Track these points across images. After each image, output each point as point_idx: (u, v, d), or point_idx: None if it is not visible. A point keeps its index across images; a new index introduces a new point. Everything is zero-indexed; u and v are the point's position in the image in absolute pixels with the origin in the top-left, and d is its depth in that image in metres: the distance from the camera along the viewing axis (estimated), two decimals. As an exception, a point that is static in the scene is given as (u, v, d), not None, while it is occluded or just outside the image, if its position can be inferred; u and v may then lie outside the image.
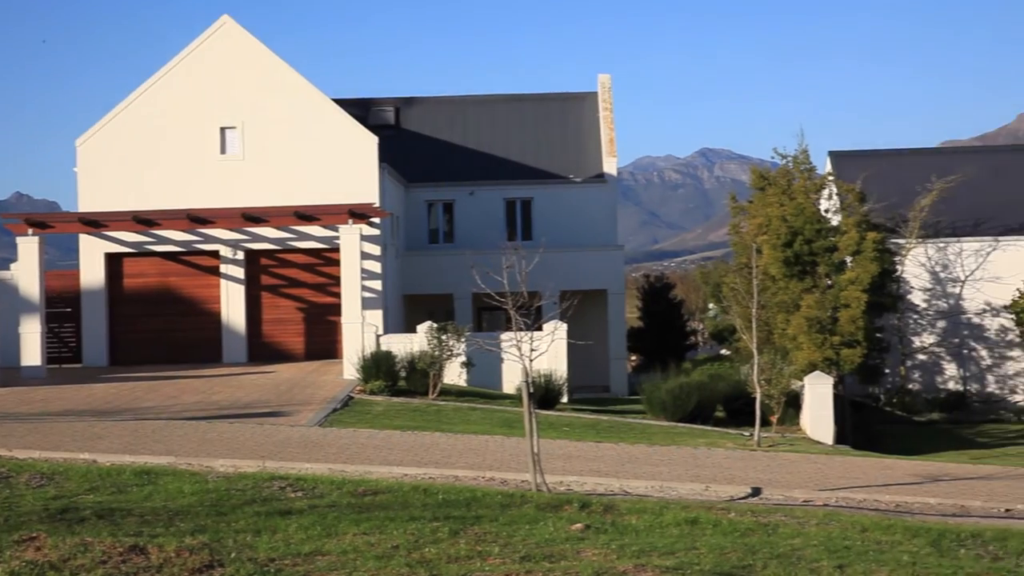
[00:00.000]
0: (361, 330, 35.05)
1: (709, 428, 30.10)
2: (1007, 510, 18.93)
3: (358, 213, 36.76)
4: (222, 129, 40.15)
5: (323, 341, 40.01)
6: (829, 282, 37.93)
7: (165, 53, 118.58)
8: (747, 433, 28.01)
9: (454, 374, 34.24)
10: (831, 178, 43.44)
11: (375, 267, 39.62)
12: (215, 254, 40.20)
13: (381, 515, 13.69)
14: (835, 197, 42.71)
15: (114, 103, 55.76)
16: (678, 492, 18.93)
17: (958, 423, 43.49)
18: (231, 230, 39.22)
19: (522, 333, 18.09)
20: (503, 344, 29.14)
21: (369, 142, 40.47)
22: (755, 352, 27.64)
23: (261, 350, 40.10)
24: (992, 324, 47.30)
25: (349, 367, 33.69)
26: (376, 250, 39.57)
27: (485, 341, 29.98)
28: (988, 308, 47.17)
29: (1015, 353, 47.19)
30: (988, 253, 47.25)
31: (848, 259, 38.24)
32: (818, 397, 30.56)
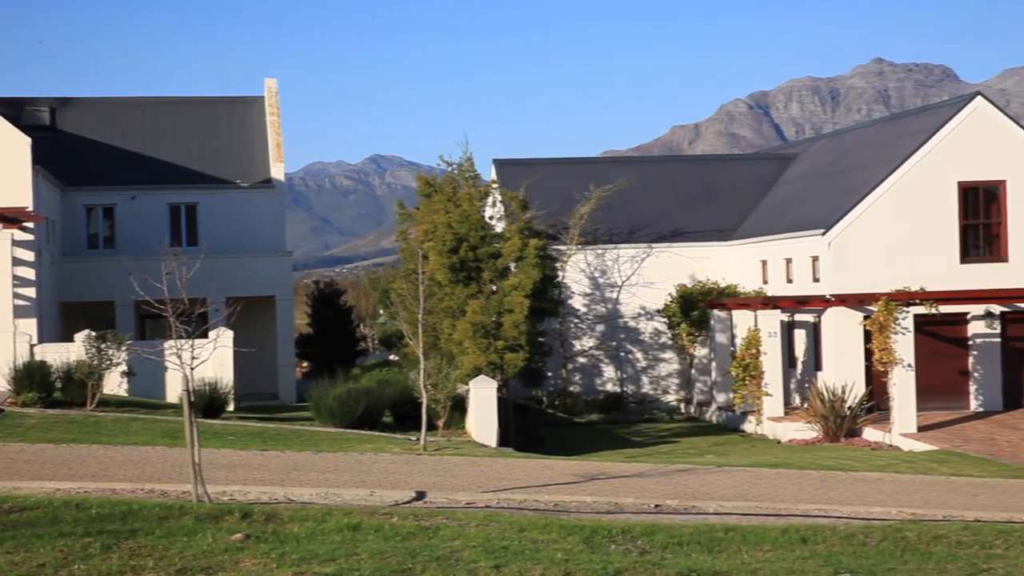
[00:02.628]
0: (13, 339, 33.45)
1: (376, 434, 30.21)
2: (656, 506, 19.83)
3: (9, 217, 35.07)
4: None
5: (-28, 352, 37.89)
6: (494, 288, 38.75)
7: None
8: (414, 438, 28.27)
9: (115, 384, 33.13)
10: (495, 186, 44.43)
11: (29, 274, 37.88)
12: None
13: (28, 532, 13.10)
14: (499, 204, 43.70)
15: None
16: (343, 498, 18.93)
17: (616, 423, 45.25)
18: None
19: (183, 341, 17.69)
20: (165, 352, 28.41)
21: (22, 143, 38.66)
22: (421, 357, 27.93)
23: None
24: (647, 327, 49.47)
25: None
26: (30, 256, 37.83)
27: (146, 349, 29.19)
28: (643, 312, 49.31)
29: (667, 355, 49.51)
30: (643, 259, 49.41)
31: (512, 265, 39.18)
32: (483, 401, 31.16)
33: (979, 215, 40.77)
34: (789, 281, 44.10)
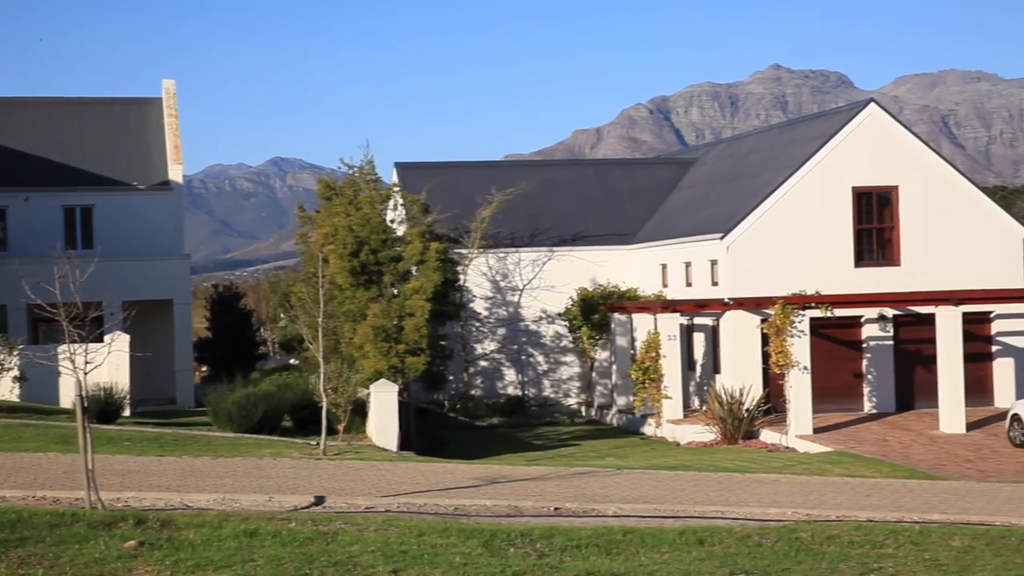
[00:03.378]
0: (-102, 345, 32.67)
1: (276, 438, 29.98)
2: (556, 509, 19.92)
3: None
4: None
5: None
6: (395, 291, 38.62)
7: None
8: (314, 442, 28.08)
9: (6, 389, 32.49)
10: (396, 189, 44.29)
11: (-83, 277, 37.01)
12: None
13: (-86, 542, 12.80)
14: (400, 208, 43.58)
15: None
16: (241, 504, 18.75)
17: (517, 426, 45.35)
18: None
19: (76, 345, 17.40)
20: (59, 357, 27.90)
21: (-90, 143, 37.78)
22: (322, 361, 27.77)
23: None
24: (548, 331, 49.66)
25: None
26: (-82, 258, 36.96)
27: (38, 354, 28.63)
28: (544, 316, 49.49)
29: (568, 358, 49.75)
30: (544, 263, 49.61)
31: (413, 269, 39.07)
32: (383, 405, 31.04)
33: (872, 220, 41.53)
34: (688, 285, 44.57)
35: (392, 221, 42.45)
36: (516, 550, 14.23)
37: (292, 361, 62.95)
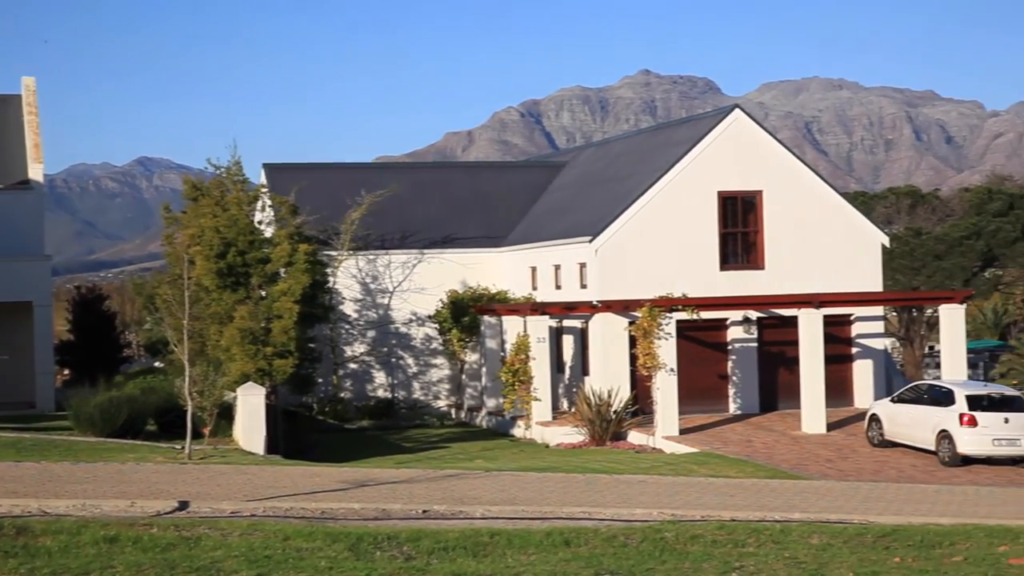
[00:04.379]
0: None
1: (140, 443, 29.50)
2: (424, 511, 19.90)
3: None
4: None
5: None
6: (263, 293, 38.21)
7: None
8: (179, 446, 27.67)
9: None
10: (265, 190, 43.81)
11: None
12: None
13: None
14: (269, 209, 43.12)
15: None
16: (102, 510, 18.38)
17: (387, 429, 45.18)
18: None
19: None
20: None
21: None
22: (187, 364, 27.38)
23: None
24: (418, 333, 49.56)
25: None
26: None
27: None
28: (414, 318, 49.38)
29: (438, 361, 49.70)
30: (414, 265, 49.50)
31: (281, 271, 38.69)
32: (250, 408, 30.71)
33: (738, 224, 42.24)
34: (558, 287, 44.85)
35: (260, 223, 41.98)
36: (383, 553, 14.18)
37: (157, 364, 61.91)
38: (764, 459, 32.11)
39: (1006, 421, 31.74)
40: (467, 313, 46.95)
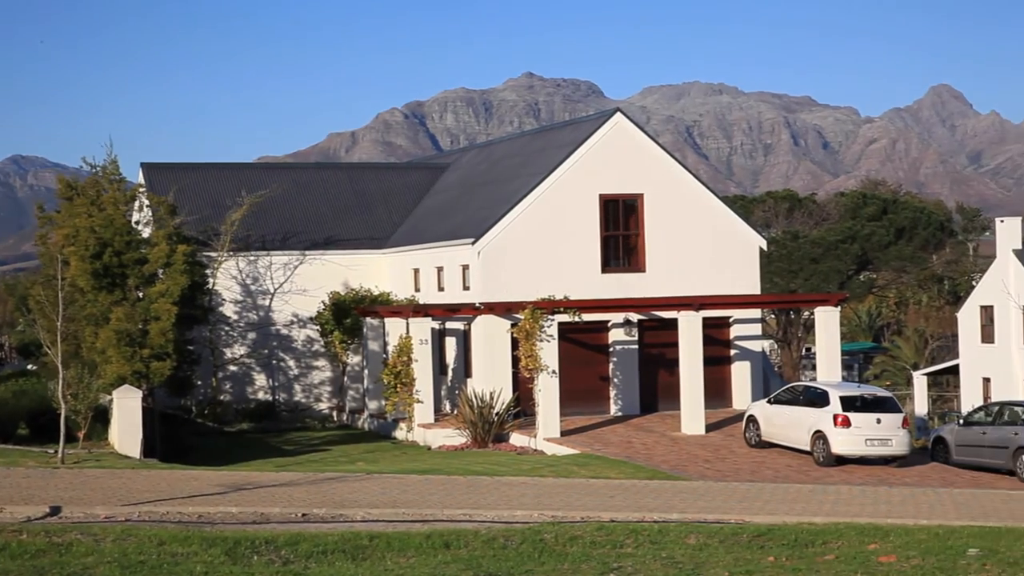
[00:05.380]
0: None
1: (10, 447, 28.86)
2: (304, 515, 19.74)
3: None
4: None
5: None
6: (140, 295, 37.62)
7: None
8: (51, 450, 27.11)
9: None
10: (142, 190, 43.14)
11: None
12: None
13: None
14: (147, 209, 42.47)
15: None
16: (-31, 517, 17.91)
17: (267, 432, 44.74)
18: None
19: None
20: None
21: None
22: (60, 367, 26.85)
23: None
24: (300, 335, 49.16)
25: None
26: None
27: None
28: (296, 320, 48.97)
29: (320, 363, 49.35)
30: (296, 267, 49.09)
31: (159, 272, 38.16)
32: (126, 411, 30.21)
33: (619, 227, 42.58)
34: (441, 289, 44.80)
35: (138, 223, 41.32)
36: (260, 557, 14.05)
37: (30, 366, 60.58)
38: (644, 460, 32.43)
39: (878, 422, 32.46)
40: (349, 315, 46.69)
